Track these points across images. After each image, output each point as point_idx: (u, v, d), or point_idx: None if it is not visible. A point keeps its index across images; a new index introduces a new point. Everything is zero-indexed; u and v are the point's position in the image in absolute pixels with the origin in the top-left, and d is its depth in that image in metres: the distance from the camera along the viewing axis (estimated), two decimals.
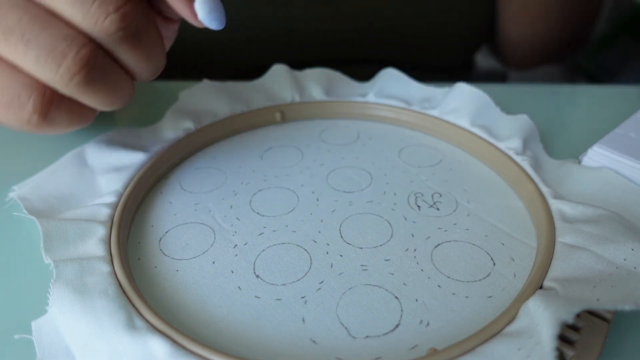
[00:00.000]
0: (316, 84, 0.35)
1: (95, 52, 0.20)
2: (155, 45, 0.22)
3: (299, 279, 0.22)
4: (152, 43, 0.22)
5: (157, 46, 0.22)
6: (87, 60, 0.19)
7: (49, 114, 0.20)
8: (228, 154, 0.31)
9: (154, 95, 0.39)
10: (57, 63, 0.19)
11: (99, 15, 0.19)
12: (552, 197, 0.25)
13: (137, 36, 0.20)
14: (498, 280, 0.22)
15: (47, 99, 0.20)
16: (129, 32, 0.20)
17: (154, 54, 0.22)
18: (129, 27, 0.20)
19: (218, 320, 0.20)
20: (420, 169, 0.29)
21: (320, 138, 0.33)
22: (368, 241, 0.24)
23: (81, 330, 0.18)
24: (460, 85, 0.33)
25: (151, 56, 0.22)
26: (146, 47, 0.21)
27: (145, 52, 0.21)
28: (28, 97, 0.19)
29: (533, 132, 0.30)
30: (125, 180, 0.26)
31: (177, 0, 0.21)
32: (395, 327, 0.20)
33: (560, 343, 0.17)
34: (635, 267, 0.20)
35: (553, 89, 0.40)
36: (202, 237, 0.24)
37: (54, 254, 0.21)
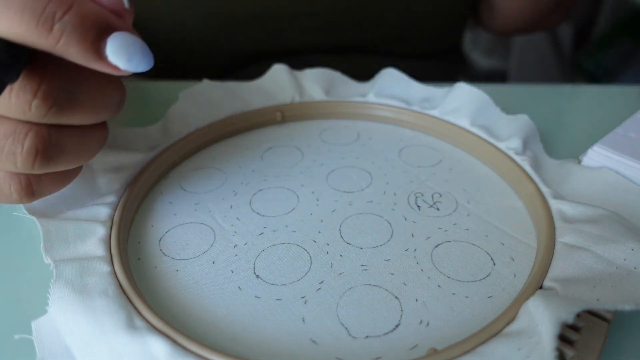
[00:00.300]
0: (316, 84, 0.35)
1: (41, 135, 0.19)
2: (99, 91, 0.20)
3: (299, 279, 0.22)
4: (95, 93, 0.20)
5: (102, 90, 0.20)
6: (35, 149, 0.19)
7: (34, 192, 0.21)
8: (228, 154, 0.31)
9: (154, 95, 0.39)
10: (12, 160, 0.19)
11: (23, 106, 0.18)
12: (552, 197, 0.25)
13: (72, 100, 0.19)
14: (498, 280, 0.22)
15: (25, 184, 0.20)
16: (60, 105, 0.18)
17: (103, 100, 0.20)
18: (58, 101, 0.18)
19: (218, 320, 0.20)
20: (420, 169, 0.29)
21: (320, 138, 0.33)
22: (368, 241, 0.24)
23: (81, 330, 0.18)
24: (460, 85, 0.33)
25: (101, 104, 0.20)
26: (90, 101, 0.20)
27: (91, 106, 0.20)
28: (9, 188, 0.20)
29: (533, 132, 0.30)
30: (125, 180, 0.26)
31: (89, 61, 0.18)
32: (395, 327, 0.20)
33: (560, 343, 0.17)
34: (635, 267, 0.20)
35: (553, 89, 0.40)
36: (202, 237, 0.24)
37: (53, 254, 0.21)
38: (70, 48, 0.17)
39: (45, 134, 0.19)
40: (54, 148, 0.19)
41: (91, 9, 0.17)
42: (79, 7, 0.17)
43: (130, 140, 0.29)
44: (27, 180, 0.20)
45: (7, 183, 0.20)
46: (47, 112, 0.18)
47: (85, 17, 0.17)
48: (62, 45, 0.17)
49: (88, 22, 0.17)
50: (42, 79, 0.18)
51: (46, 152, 0.19)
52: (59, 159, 0.20)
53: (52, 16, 0.17)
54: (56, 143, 0.19)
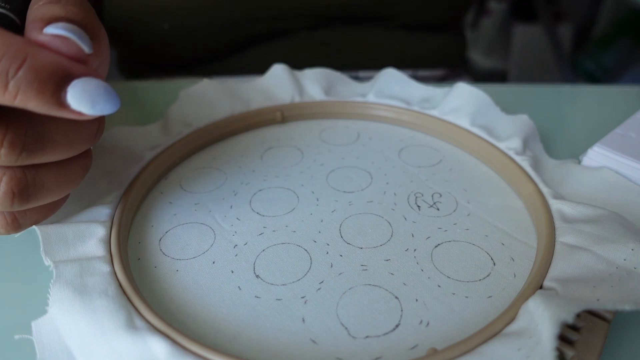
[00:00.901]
0: (316, 84, 0.35)
1: (16, 178, 0.19)
2: (71, 127, 0.19)
3: (299, 279, 0.22)
4: (66, 129, 0.19)
5: (74, 125, 0.19)
6: (12, 192, 0.19)
7: (21, 225, 0.21)
8: (228, 154, 0.31)
9: (154, 95, 0.39)
10: None
11: None
12: (552, 197, 0.25)
13: (42, 142, 0.18)
14: (498, 280, 0.22)
15: (10, 219, 0.20)
16: (30, 149, 0.18)
17: (77, 135, 0.19)
18: (28, 146, 0.18)
19: (218, 320, 0.20)
20: (420, 169, 0.29)
21: (320, 138, 0.33)
22: (368, 241, 0.24)
23: (81, 330, 0.18)
24: (460, 85, 0.33)
25: (75, 139, 0.19)
26: (62, 139, 0.19)
27: (65, 142, 0.19)
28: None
29: (533, 132, 0.30)
30: (125, 180, 0.26)
31: (51, 111, 0.17)
32: (395, 327, 0.20)
33: (560, 343, 0.17)
34: (635, 267, 0.20)
35: (553, 89, 0.40)
36: (202, 237, 0.24)
37: (53, 256, 0.21)
38: (29, 102, 0.17)
39: (20, 176, 0.19)
40: (31, 187, 0.19)
41: (47, 59, 0.17)
42: (33, 60, 0.16)
43: (130, 140, 0.29)
44: (12, 216, 0.20)
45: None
46: (17, 158, 0.18)
47: (41, 70, 0.16)
48: (20, 100, 0.16)
49: (44, 74, 0.16)
50: (6, 128, 0.17)
51: (23, 192, 0.19)
52: (38, 196, 0.20)
53: (5, 73, 0.16)
54: (33, 182, 0.19)
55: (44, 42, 0.17)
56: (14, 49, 0.16)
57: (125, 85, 0.41)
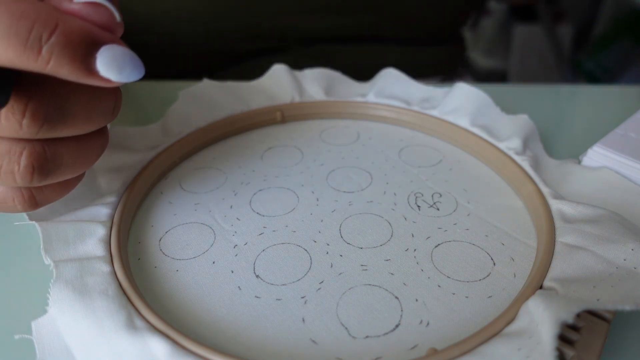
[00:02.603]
0: (316, 84, 0.35)
1: (36, 152, 0.19)
2: (90, 100, 0.19)
3: (299, 279, 0.22)
4: (86, 103, 0.19)
5: (93, 99, 0.20)
6: (32, 166, 0.19)
7: (37, 202, 0.21)
8: (228, 154, 0.31)
9: (154, 95, 0.39)
10: (11, 178, 0.19)
11: (14, 126, 0.18)
12: (552, 197, 0.25)
13: (63, 114, 0.19)
14: (498, 280, 0.22)
15: (27, 196, 0.21)
16: (52, 121, 0.18)
17: (96, 109, 0.20)
18: (49, 118, 0.18)
19: (218, 320, 0.20)
20: (420, 169, 0.29)
21: (320, 138, 0.33)
22: (368, 241, 0.24)
23: (81, 330, 0.18)
24: (460, 85, 0.33)
25: (94, 113, 0.20)
26: (82, 112, 0.19)
27: (84, 116, 0.19)
28: (12, 201, 0.21)
29: (533, 132, 0.30)
30: (125, 180, 0.26)
31: (81, 78, 0.18)
32: (395, 327, 0.20)
33: (560, 343, 0.17)
34: (635, 267, 0.20)
35: (553, 89, 0.40)
36: (202, 237, 0.24)
37: (53, 255, 0.21)
38: (61, 68, 0.17)
39: (40, 151, 0.19)
40: (50, 162, 0.19)
41: (77, 25, 0.17)
42: (64, 26, 0.17)
43: (130, 140, 0.29)
44: (30, 193, 0.21)
45: (11, 196, 0.20)
46: (39, 130, 0.18)
47: (72, 35, 0.17)
48: (53, 66, 0.17)
49: (76, 39, 0.17)
50: (29, 99, 0.18)
51: (43, 167, 0.19)
52: (57, 172, 0.20)
53: (38, 39, 0.16)
54: (52, 157, 0.19)
55: (74, 10, 0.18)
56: (45, 16, 0.16)
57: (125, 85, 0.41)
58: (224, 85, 0.34)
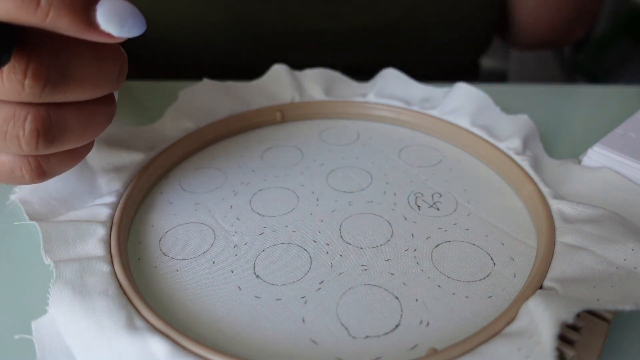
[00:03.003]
0: (316, 84, 0.35)
1: (40, 116, 0.19)
2: (94, 63, 0.19)
3: (299, 279, 0.22)
4: (90, 66, 0.19)
5: (97, 62, 0.19)
6: (36, 131, 0.19)
7: (45, 173, 0.21)
8: (228, 154, 0.31)
9: (154, 95, 0.39)
10: (16, 144, 0.19)
11: (16, 88, 0.17)
12: (552, 197, 0.25)
13: (66, 76, 0.18)
14: (498, 280, 0.22)
15: (35, 165, 0.20)
16: (54, 82, 0.18)
17: (100, 73, 0.19)
18: (51, 79, 0.18)
19: (218, 320, 0.20)
20: (420, 169, 0.29)
21: (320, 138, 0.33)
22: (368, 241, 0.24)
23: (81, 330, 0.18)
24: (460, 85, 0.33)
25: (98, 77, 0.19)
26: (86, 75, 0.19)
27: (88, 80, 0.19)
28: (20, 170, 0.20)
29: (533, 132, 0.30)
30: (125, 180, 0.26)
31: (81, 32, 0.17)
32: (395, 327, 0.20)
33: (560, 343, 0.17)
34: (635, 267, 0.20)
35: (553, 89, 0.40)
36: (202, 237, 0.24)
37: (54, 255, 0.21)
38: (60, 20, 0.16)
39: (44, 115, 0.19)
40: (55, 128, 0.19)
41: None
42: None
43: (130, 140, 0.29)
44: (37, 162, 0.20)
45: (18, 166, 0.20)
46: (41, 91, 0.18)
47: None
48: (52, 18, 0.16)
49: None
50: (30, 58, 0.17)
51: (48, 133, 0.19)
52: (62, 138, 0.20)
53: None
54: (57, 123, 0.19)
55: None
56: None
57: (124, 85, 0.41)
58: (224, 85, 0.34)
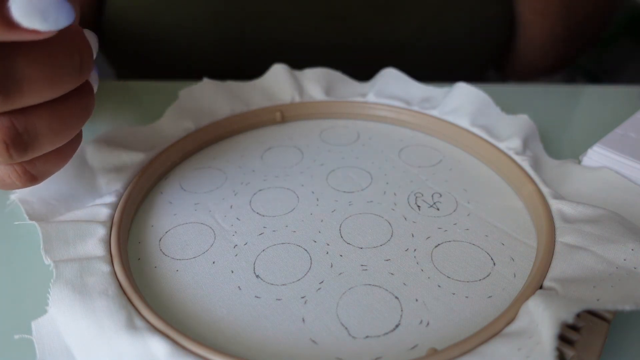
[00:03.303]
0: (316, 84, 0.35)
1: (5, 127, 0.18)
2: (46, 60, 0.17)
3: (299, 279, 0.22)
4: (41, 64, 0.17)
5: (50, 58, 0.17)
6: (4, 142, 0.18)
7: (35, 176, 0.20)
8: (228, 154, 0.31)
9: (154, 95, 0.39)
10: None
11: None
12: (552, 197, 0.25)
13: (17, 81, 0.17)
14: (498, 280, 0.22)
15: (21, 172, 0.20)
16: (5, 89, 0.16)
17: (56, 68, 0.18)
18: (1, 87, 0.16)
19: (218, 320, 0.20)
20: (420, 169, 0.29)
21: (320, 138, 0.33)
22: (368, 241, 0.24)
23: (81, 330, 0.18)
24: (460, 85, 0.33)
25: (55, 73, 0.18)
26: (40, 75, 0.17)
27: (44, 79, 0.17)
28: (9, 178, 0.20)
29: (533, 132, 0.30)
30: (125, 180, 0.26)
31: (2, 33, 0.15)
32: (395, 327, 0.20)
33: (560, 343, 0.17)
34: (635, 267, 0.20)
35: (553, 89, 0.40)
36: (202, 237, 0.24)
37: (54, 255, 0.21)
38: None
39: (8, 125, 0.18)
40: (25, 135, 0.18)
41: None
42: None
43: (130, 140, 0.29)
44: (22, 168, 0.20)
45: (6, 174, 0.20)
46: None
47: None
48: None
49: None
50: None
51: (17, 142, 0.18)
52: (36, 143, 0.19)
53: None
54: (25, 130, 0.18)
55: None
56: None
57: (124, 85, 0.41)
58: (224, 85, 0.34)
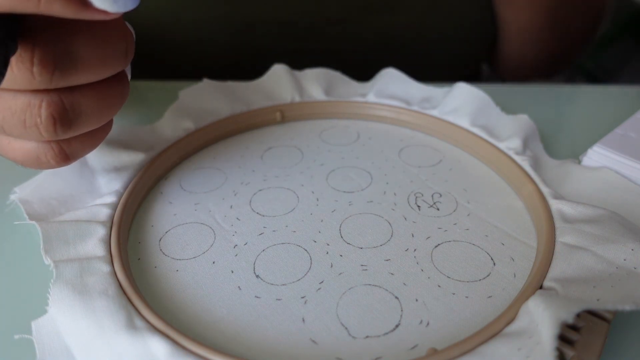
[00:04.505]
0: (316, 84, 0.35)
1: (54, 102, 0.19)
2: (99, 42, 0.19)
3: (299, 279, 0.22)
4: (95, 45, 0.19)
5: (102, 41, 0.19)
6: (52, 117, 0.19)
7: (69, 156, 0.21)
8: (228, 154, 0.31)
9: (154, 95, 0.39)
10: (36, 131, 0.19)
11: (27, 76, 0.18)
12: (552, 197, 0.25)
13: (73, 59, 0.18)
14: (498, 280, 0.22)
15: (58, 150, 0.21)
16: (62, 66, 0.18)
17: (106, 51, 0.19)
18: (59, 63, 0.18)
19: (218, 320, 0.20)
20: (420, 169, 0.29)
21: (320, 138, 0.33)
22: (368, 241, 0.24)
23: (81, 330, 0.18)
24: (460, 85, 0.33)
25: (105, 56, 0.19)
26: (93, 56, 0.19)
27: (96, 60, 0.19)
28: (45, 156, 0.21)
29: (533, 132, 0.30)
30: (125, 180, 0.26)
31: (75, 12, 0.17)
32: (395, 327, 0.20)
33: (560, 343, 0.17)
34: (635, 267, 0.20)
35: (553, 89, 0.40)
36: (202, 237, 0.24)
37: (53, 255, 0.21)
38: (53, 4, 0.16)
39: (57, 100, 0.19)
40: (71, 112, 0.20)
41: None
42: None
43: (130, 140, 0.29)
44: (59, 147, 0.21)
45: (43, 152, 0.21)
46: (51, 77, 0.18)
47: None
48: (45, 3, 0.16)
49: None
50: (34, 45, 0.18)
51: (63, 117, 0.19)
52: (79, 121, 0.20)
53: None
54: (72, 107, 0.20)
55: None
56: None
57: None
58: (224, 85, 0.34)
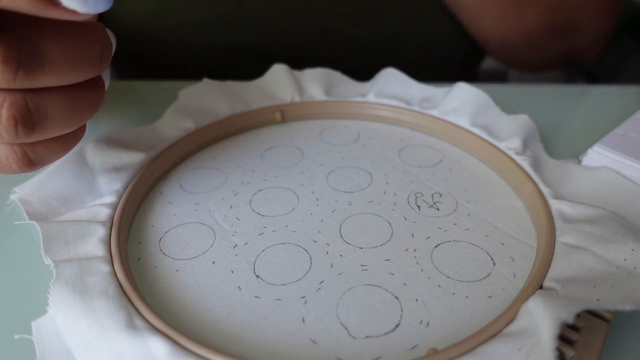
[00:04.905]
0: (316, 84, 0.35)
1: (17, 103, 0.18)
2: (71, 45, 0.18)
3: (299, 279, 0.22)
4: (67, 48, 0.18)
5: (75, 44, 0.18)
6: (13, 118, 0.18)
7: (33, 162, 0.20)
8: (228, 154, 0.31)
9: (154, 95, 0.39)
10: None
11: None
12: (552, 197, 0.25)
13: (40, 60, 0.17)
14: (498, 280, 0.22)
15: (20, 154, 0.20)
16: (27, 66, 0.17)
17: (78, 55, 0.18)
18: (23, 63, 0.17)
19: (218, 320, 0.20)
20: (420, 169, 0.29)
21: (320, 138, 0.33)
22: (368, 241, 0.24)
23: (81, 331, 0.18)
24: (460, 85, 0.33)
25: (77, 60, 0.18)
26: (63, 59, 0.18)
27: (66, 63, 0.18)
28: (7, 159, 0.20)
29: (533, 132, 0.30)
30: (125, 180, 0.26)
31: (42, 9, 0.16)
32: (395, 327, 0.20)
33: (560, 343, 0.17)
34: (635, 267, 0.20)
35: (553, 89, 0.40)
36: (202, 237, 0.24)
37: (53, 255, 0.21)
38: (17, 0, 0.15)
39: (21, 101, 0.18)
40: (35, 115, 0.18)
41: None
42: None
43: (130, 140, 0.29)
44: (22, 151, 0.20)
45: (5, 155, 0.20)
46: (14, 76, 0.17)
47: None
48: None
49: None
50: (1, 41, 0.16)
51: (26, 119, 0.18)
52: (44, 125, 0.19)
53: None
54: (37, 109, 0.18)
55: None
56: None
57: (125, 85, 0.41)
58: (224, 85, 0.34)
